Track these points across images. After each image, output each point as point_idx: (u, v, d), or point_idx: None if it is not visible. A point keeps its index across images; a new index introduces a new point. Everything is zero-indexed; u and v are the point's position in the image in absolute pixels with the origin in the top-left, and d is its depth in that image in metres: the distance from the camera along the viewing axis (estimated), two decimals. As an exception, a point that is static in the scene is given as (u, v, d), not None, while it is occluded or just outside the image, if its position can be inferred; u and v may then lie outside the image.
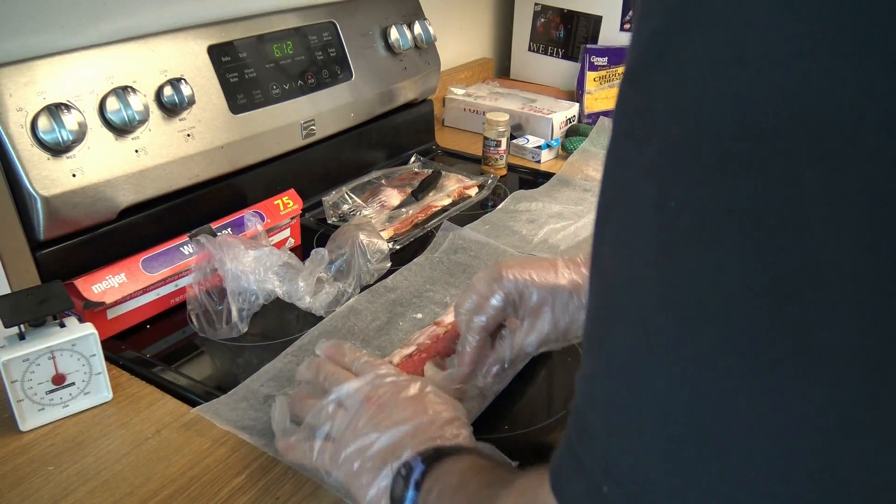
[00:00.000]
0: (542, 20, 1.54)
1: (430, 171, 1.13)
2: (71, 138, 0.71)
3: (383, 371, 0.55)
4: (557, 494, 0.31)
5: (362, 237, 0.84)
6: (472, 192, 1.10)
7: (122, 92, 0.76)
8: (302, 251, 0.95)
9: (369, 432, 0.50)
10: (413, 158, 1.21)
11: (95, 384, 0.65)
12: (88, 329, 0.63)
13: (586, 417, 0.30)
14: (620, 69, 1.41)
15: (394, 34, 1.12)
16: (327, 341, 0.62)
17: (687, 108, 0.23)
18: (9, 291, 0.70)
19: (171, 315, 0.80)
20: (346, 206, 1.02)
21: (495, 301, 0.59)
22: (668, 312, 0.25)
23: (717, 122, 0.23)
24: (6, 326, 0.61)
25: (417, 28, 1.16)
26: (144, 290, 0.76)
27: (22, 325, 0.62)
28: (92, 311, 0.71)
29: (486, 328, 0.60)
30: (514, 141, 1.26)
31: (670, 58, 0.24)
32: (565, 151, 1.28)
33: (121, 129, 0.77)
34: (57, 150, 0.71)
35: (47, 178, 0.71)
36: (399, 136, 1.22)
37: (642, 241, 0.26)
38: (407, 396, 0.52)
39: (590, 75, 1.40)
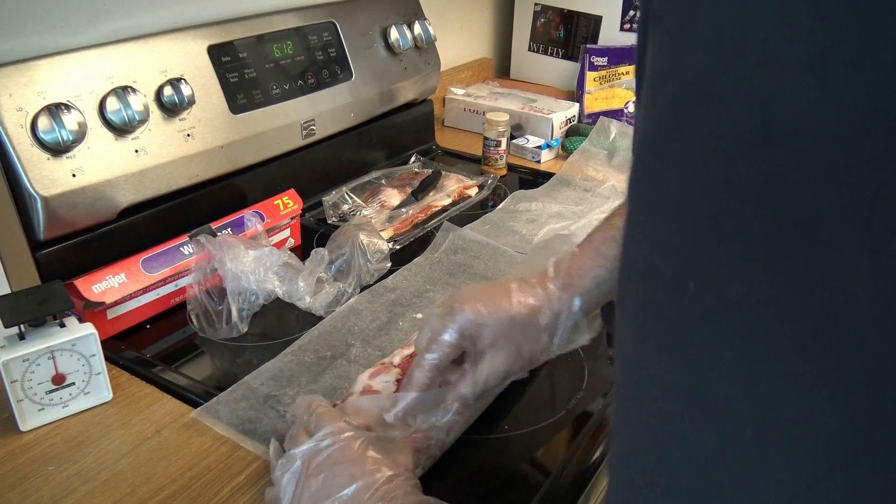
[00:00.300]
0: (542, 20, 1.54)
1: (430, 171, 1.14)
2: (71, 138, 0.71)
3: (327, 430, 0.51)
4: None
5: (362, 237, 0.84)
6: (472, 192, 1.10)
7: (122, 92, 0.76)
8: (302, 251, 0.95)
9: None
10: (413, 158, 1.21)
11: (95, 384, 0.65)
12: (88, 329, 0.63)
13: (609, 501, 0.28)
14: (621, 69, 1.41)
15: (394, 34, 1.12)
16: (304, 398, 0.57)
17: (707, 185, 0.22)
18: (9, 291, 0.70)
19: (171, 315, 0.80)
20: (346, 206, 1.02)
21: (448, 337, 0.56)
22: (688, 403, 0.23)
23: (743, 198, 0.21)
24: (6, 326, 0.61)
25: (417, 28, 1.16)
26: (144, 290, 0.76)
27: (22, 325, 0.62)
28: (92, 311, 0.71)
29: (438, 366, 0.57)
30: (514, 141, 1.26)
31: (688, 128, 0.22)
32: (565, 151, 1.28)
33: (121, 129, 0.77)
34: (57, 150, 0.71)
35: (47, 178, 0.71)
36: (399, 136, 1.22)
37: (659, 322, 0.24)
38: (344, 462, 0.49)
39: (590, 75, 1.40)
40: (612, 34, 1.45)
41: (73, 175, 0.73)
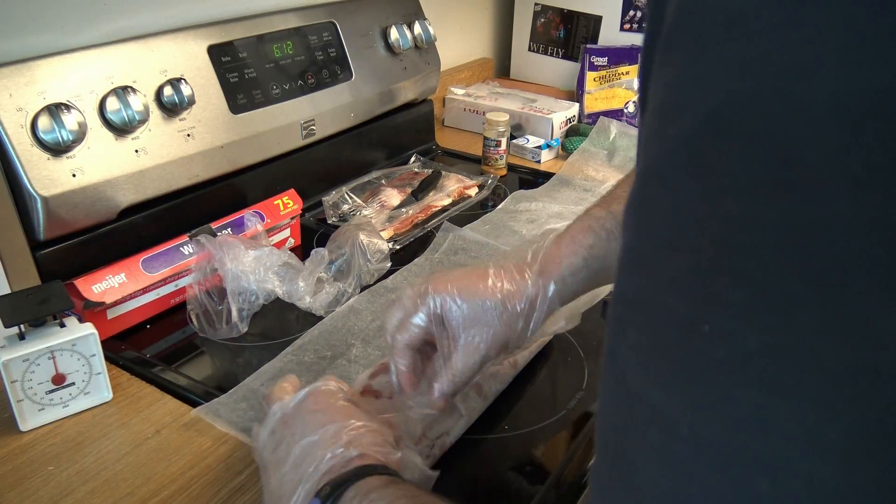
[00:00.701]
0: (542, 20, 1.54)
1: (430, 171, 1.13)
2: (71, 138, 0.71)
3: (314, 385, 0.52)
4: None
5: (362, 237, 0.84)
6: (472, 192, 1.10)
7: (122, 92, 0.76)
8: (302, 251, 0.95)
9: (282, 458, 0.48)
10: (413, 158, 1.21)
11: (95, 384, 0.65)
12: (88, 329, 0.63)
13: None
14: (621, 69, 1.41)
15: (394, 34, 1.12)
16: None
17: (723, 227, 0.21)
18: (9, 291, 0.70)
19: (171, 315, 0.80)
20: (346, 206, 1.02)
21: (418, 319, 0.56)
22: (703, 456, 0.22)
23: (762, 244, 0.20)
24: (6, 326, 0.61)
25: (417, 28, 1.16)
26: (144, 290, 0.76)
27: (22, 325, 0.62)
28: (92, 311, 0.71)
29: (411, 345, 0.56)
30: (514, 141, 1.26)
31: (703, 166, 0.22)
32: (565, 151, 1.28)
33: (121, 129, 0.77)
34: (57, 150, 0.71)
35: (47, 178, 0.71)
36: (399, 136, 1.22)
37: (670, 364, 0.23)
38: (317, 409, 0.49)
39: (590, 75, 1.40)
40: (612, 34, 1.45)
41: (73, 175, 0.73)
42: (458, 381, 0.55)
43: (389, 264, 0.87)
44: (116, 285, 0.73)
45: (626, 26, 1.43)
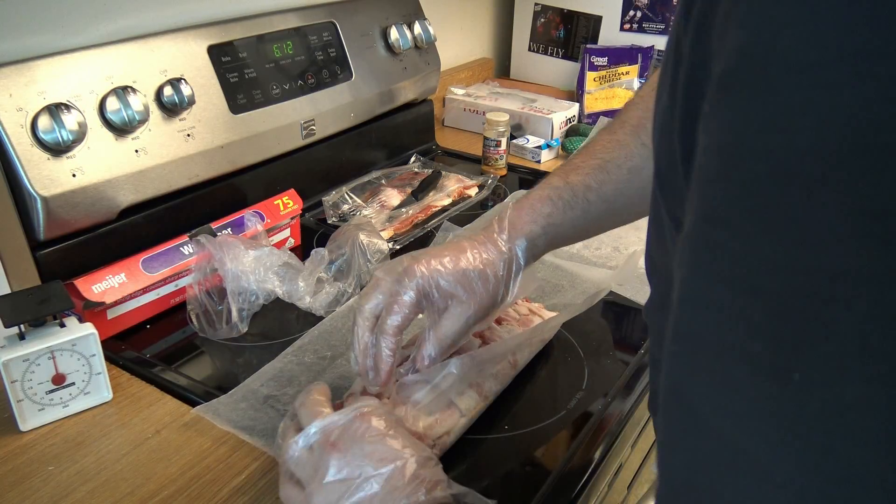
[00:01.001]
0: (542, 20, 1.54)
1: (430, 171, 1.14)
2: (71, 138, 0.71)
3: (355, 406, 0.51)
4: None
5: (362, 237, 0.84)
6: (472, 192, 1.10)
7: (122, 92, 0.76)
8: (302, 251, 0.95)
9: (336, 487, 0.47)
10: (413, 158, 1.21)
11: (95, 384, 0.65)
12: (88, 329, 0.63)
13: None
14: (621, 69, 1.41)
15: (394, 34, 1.12)
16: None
17: (811, 277, 0.20)
18: (9, 291, 0.70)
19: (171, 315, 0.80)
20: (346, 206, 1.02)
21: (408, 297, 0.56)
22: (797, 499, 0.22)
23: (859, 304, 0.20)
24: (6, 326, 0.61)
25: (417, 28, 1.16)
26: (144, 290, 0.76)
27: (22, 325, 0.62)
28: (92, 311, 0.71)
29: (401, 327, 0.56)
30: (514, 141, 1.26)
31: (780, 215, 0.21)
32: (565, 151, 1.28)
33: (121, 129, 0.77)
34: (57, 150, 0.71)
35: (47, 178, 0.71)
36: (399, 136, 1.22)
37: (757, 408, 0.23)
38: (369, 439, 0.49)
39: (590, 75, 1.40)
40: (612, 34, 1.45)
41: (73, 175, 0.73)
42: (444, 345, 0.58)
43: (389, 264, 0.87)
44: (116, 285, 0.73)
45: (626, 26, 1.43)
